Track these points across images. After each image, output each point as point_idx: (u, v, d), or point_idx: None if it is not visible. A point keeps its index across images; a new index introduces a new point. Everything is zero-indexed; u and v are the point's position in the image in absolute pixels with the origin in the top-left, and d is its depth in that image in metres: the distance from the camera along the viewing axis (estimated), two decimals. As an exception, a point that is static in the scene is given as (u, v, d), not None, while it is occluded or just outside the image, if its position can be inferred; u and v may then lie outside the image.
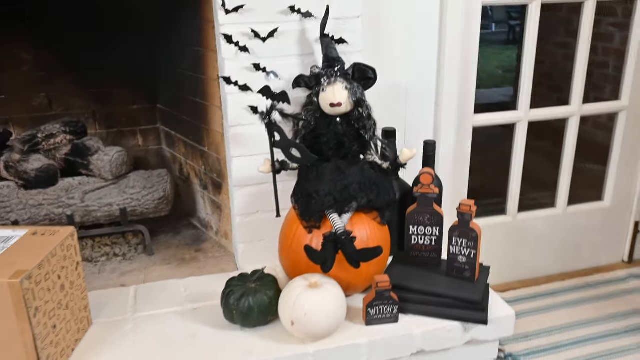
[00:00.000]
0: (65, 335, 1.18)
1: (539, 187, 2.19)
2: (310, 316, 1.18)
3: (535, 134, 1.99)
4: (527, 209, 2.06)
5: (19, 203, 1.54)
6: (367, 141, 1.36)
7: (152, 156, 1.96)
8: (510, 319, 1.33)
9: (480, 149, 1.89)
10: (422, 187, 1.35)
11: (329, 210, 1.29)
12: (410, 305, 1.32)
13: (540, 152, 2.42)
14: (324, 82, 1.31)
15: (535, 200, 2.15)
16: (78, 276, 1.23)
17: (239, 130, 1.41)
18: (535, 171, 2.44)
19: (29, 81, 1.74)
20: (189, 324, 1.31)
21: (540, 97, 1.94)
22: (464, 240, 1.31)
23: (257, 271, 1.33)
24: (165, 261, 1.64)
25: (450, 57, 1.66)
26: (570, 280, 2.12)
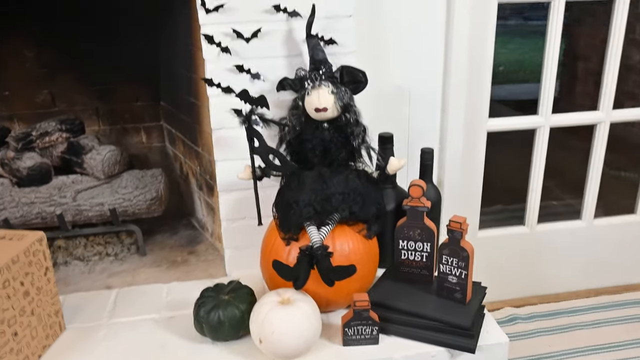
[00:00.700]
0: (30, 342, 1.16)
1: (563, 195, 2.05)
2: (279, 335, 1.11)
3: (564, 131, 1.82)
4: (548, 219, 1.91)
5: (11, 201, 1.54)
6: (356, 148, 1.27)
7: (156, 153, 1.94)
8: (503, 347, 1.22)
9: (512, 151, 1.75)
10: (411, 200, 1.25)
11: (308, 222, 1.21)
12: (393, 326, 1.23)
13: (567, 154, 2.26)
14: (308, 86, 1.24)
15: (557, 209, 2.00)
16: (47, 281, 1.21)
17: (223, 133, 1.35)
18: (561, 177, 2.28)
19: (32, 78, 1.74)
20: (161, 333, 1.26)
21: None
22: (454, 259, 1.21)
23: (233, 282, 1.27)
24: (155, 263, 1.61)
25: (458, 58, 1.54)
26: (596, 298, 1.97)
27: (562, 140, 1.79)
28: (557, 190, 2.00)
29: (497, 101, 1.75)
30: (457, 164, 1.64)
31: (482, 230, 1.86)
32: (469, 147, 1.69)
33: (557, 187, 2.07)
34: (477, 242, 1.84)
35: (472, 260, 1.21)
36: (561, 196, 2.41)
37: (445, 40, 1.55)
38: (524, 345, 1.72)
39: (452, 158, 1.63)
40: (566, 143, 1.96)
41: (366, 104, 1.52)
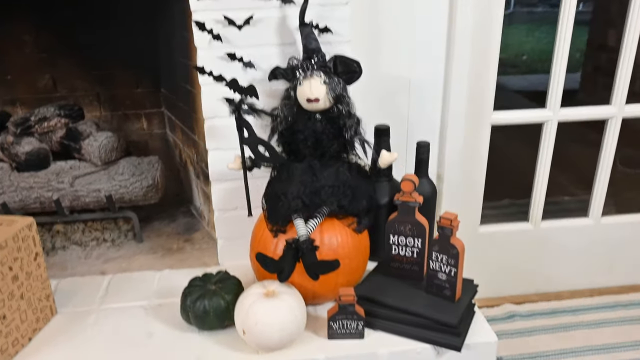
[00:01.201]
0: (20, 325, 1.17)
1: (577, 191, 1.99)
2: (261, 327, 1.11)
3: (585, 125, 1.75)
4: (560, 215, 1.87)
5: (10, 185, 1.55)
6: (348, 141, 1.25)
7: (157, 140, 1.94)
8: (491, 346, 1.20)
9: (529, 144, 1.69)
10: (403, 195, 1.23)
11: (296, 214, 1.20)
12: (379, 321, 1.22)
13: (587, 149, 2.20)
14: (299, 76, 1.22)
15: (569, 205, 1.95)
16: (37, 266, 1.22)
17: (215, 122, 1.34)
18: (578, 172, 2.21)
19: (33, 62, 1.75)
20: (149, 320, 1.27)
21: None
22: (444, 256, 1.19)
23: (221, 272, 1.27)
24: (151, 250, 1.62)
25: (461, 46, 1.49)
26: (599, 298, 1.92)
27: (583, 133, 1.73)
28: (572, 186, 1.94)
29: (517, 92, 1.71)
30: (457, 158, 1.61)
31: (484, 226, 1.83)
32: (472, 141, 1.65)
33: (571, 182, 2.01)
34: (479, 237, 1.82)
35: (463, 258, 1.19)
36: (575, 192, 2.35)
37: (448, 28, 1.50)
38: (522, 343, 1.70)
39: (452, 151, 1.59)
40: (586, 137, 1.89)
41: (364, 94, 1.50)
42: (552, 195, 1.86)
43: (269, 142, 1.23)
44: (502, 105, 1.67)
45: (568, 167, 1.77)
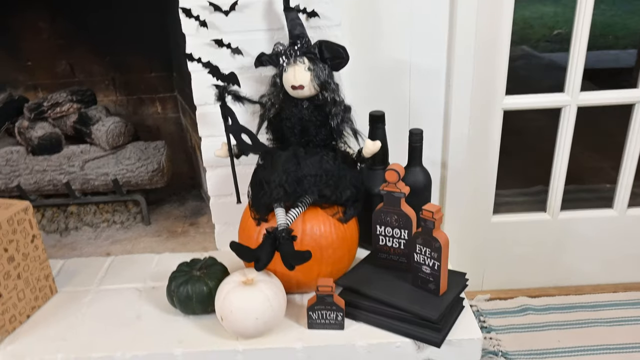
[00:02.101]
0: (17, 304, 1.24)
1: (592, 181, 1.89)
2: (237, 314, 1.12)
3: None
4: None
5: (25, 168, 1.63)
6: (334, 129, 1.23)
7: (171, 124, 1.97)
8: (475, 343, 1.16)
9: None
10: (388, 185, 1.19)
11: (277, 203, 1.19)
12: (362, 313, 1.20)
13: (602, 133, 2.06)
14: (283, 62, 1.20)
15: (583, 195, 1.85)
16: (35, 248, 1.28)
17: (206, 109, 1.35)
18: (592, 160, 2.07)
19: (50, 49, 1.81)
20: (141, 303, 1.31)
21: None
22: (427, 249, 1.15)
23: (208, 258, 1.28)
24: (157, 232, 1.66)
25: (465, 24, 1.41)
26: (624, 294, 1.82)
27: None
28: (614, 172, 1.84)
29: (562, 68, 1.64)
30: (464, 145, 1.54)
31: (498, 215, 1.76)
32: (481, 127, 1.58)
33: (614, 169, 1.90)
34: (492, 227, 1.75)
35: (447, 251, 1.15)
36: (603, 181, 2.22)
37: (450, 4, 1.42)
38: (531, 338, 1.63)
39: (457, 138, 1.53)
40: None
41: (362, 80, 1.47)
42: (591, 182, 1.76)
43: (251, 130, 1.22)
44: (551, 85, 1.55)
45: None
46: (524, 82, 3.44)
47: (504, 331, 1.67)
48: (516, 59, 4.28)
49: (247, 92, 1.31)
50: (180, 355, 1.15)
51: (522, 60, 4.29)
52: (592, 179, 1.93)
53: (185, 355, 1.15)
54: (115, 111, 1.94)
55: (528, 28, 5.52)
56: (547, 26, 5.51)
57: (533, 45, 4.97)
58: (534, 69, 4.10)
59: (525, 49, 4.61)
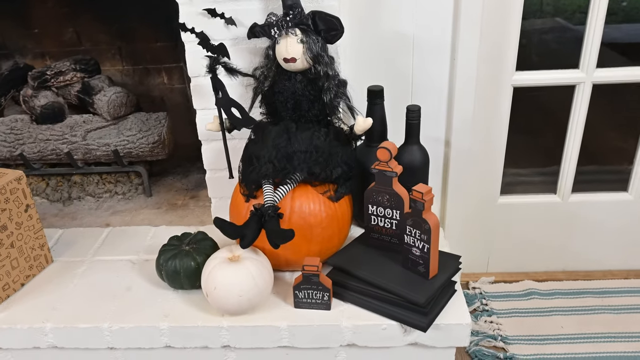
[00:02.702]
0: (10, 272, 1.25)
1: (606, 162, 1.80)
2: (220, 291, 1.11)
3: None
4: (586, 188, 1.70)
5: (29, 136, 1.64)
6: (327, 104, 1.19)
7: (177, 95, 1.95)
8: (464, 328, 1.13)
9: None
10: (379, 164, 1.16)
11: (266, 179, 1.17)
12: (350, 294, 1.18)
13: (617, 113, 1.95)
14: (274, 34, 1.16)
15: (597, 177, 1.76)
16: (29, 217, 1.29)
17: (200, 81, 1.32)
18: (606, 140, 1.98)
19: (57, 16, 1.80)
20: (132, 275, 1.31)
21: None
22: (417, 231, 1.12)
23: (199, 233, 1.28)
24: (157, 205, 1.66)
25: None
26: (636, 280, 1.75)
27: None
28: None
29: (608, 44, 1.56)
30: (469, 123, 1.48)
31: (505, 196, 1.70)
32: (488, 104, 1.52)
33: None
34: (498, 208, 1.70)
35: (437, 234, 1.11)
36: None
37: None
38: (534, 323, 1.59)
39: (462, 116, 1.47)
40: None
41: (362, 54, 1.42)
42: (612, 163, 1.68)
43: (241, 104, 1.19)
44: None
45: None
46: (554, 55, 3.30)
47: (506, 315, 1.63)
48: (547, 31, 4.11)
49: (242, 64, 1.28)
50: (165, 329, 1.16)
51: (553, 33, 4.12)
52: (614, 160, 1.84)
53: (171, 330, 1.16)
54: (121, 81, 1.92)
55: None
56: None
57: (568, 17, 4.76)
58: (567, 43, 3.92)
59: (559, 21, 4.43)
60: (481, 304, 1.67)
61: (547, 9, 1.40)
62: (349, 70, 1.39)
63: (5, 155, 1.66)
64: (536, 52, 1.85)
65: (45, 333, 1.18)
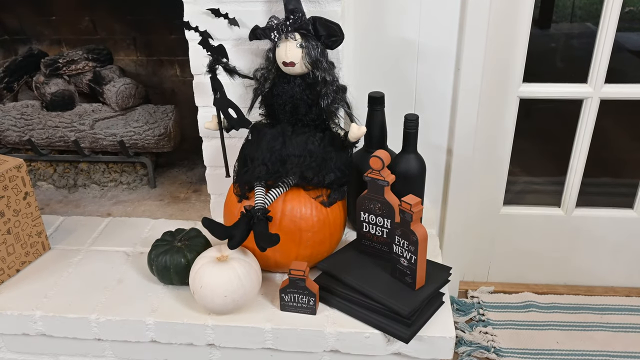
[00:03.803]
0: (6, 257, 1.28)
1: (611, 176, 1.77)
2: (206, 290, 1.12)
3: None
4: (590, 203, 1.67)
5: (39, 122, 1.67)
6: (323, 109, 1.19)
7: (189, 87, 1.95)
8: (447, 341, 1.12)
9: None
10: (372, 172, 1.15)
11: (258, 181, 1.17)
12: (336, 300, 1.18)
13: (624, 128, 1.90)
14: (274, 37, 1.16)
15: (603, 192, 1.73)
16: (27, 205, 1.31)
17: (202, 79, 1.32)
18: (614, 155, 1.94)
19: (74, 4, 1.82)
20: (125, 267, 1.33)
21: None
22: (405, 241, 1.11)
23: (192, 229, 1.29)
24: (159, 197, 1.68)
25: (478, 4, 1.32)
26: (638, 298, 1.72)
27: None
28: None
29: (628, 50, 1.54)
30: (471, 132, 1.46)
31: (508, 207, 1.68)
32: (493, 114, 1.50)
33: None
34: (500, 218, 1.69)
35: (425, 246, 1.10)
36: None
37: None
38: (529, 336, 1.58)
39: (464, 125, 1.45)
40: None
41: (365, 60, 1.41)
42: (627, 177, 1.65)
43: (237, 105, 1.20)
44: (614, 66, 1.46)
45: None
46: (577, 63, 3.22)
47: (502, 326, 1.61)
48: (574, 37, 4.00)
49: (243, 65, 1.28)
50: (152, 324, 1.18)
51: (581, 39, 4.01)
52: (621, 174, 1.81)
53: (157, 325, 1.17)
54: (135, 71, 1.94)
55: (597, 3, 5.16)
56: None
57: (598, 22, 4.61)
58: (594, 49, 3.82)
59: (589, 26, 4.30)
60: (478, 314, 1.66)
61: (579, 13, 1.37)
62: (351, 76, 1.39)
63: (14, 140, 1.69)
64: (559, 59, 1.80)
65: (34, 321, 1.20)
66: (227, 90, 1.22)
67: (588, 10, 5.08)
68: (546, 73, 1.46)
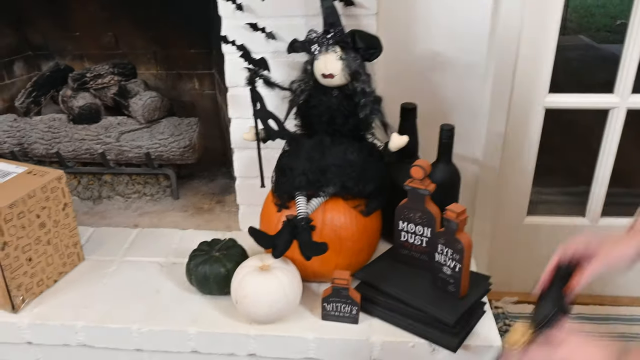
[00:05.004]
0: (45, 268, 1.28)
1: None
2: (250, 299, 1.13)
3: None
4: (616, 212, 1.69)
5: (65, 135, 1.67)
6: (362, 120, 1.20)
7: (208, 101, 1.98)
8: (493, 350, 1.13)
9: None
10: (413, 181, 1.16)
11: (299, 191, 1.18)
12: (378, 309, 1.19)
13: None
14: (314, 50, 1.18)
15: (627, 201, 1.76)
16: (66, 216, 1.31)
17: (237, 91, 1.34)
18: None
19: (96, 20, 1.83)
20: (161, 277, 1.33)
21: None
22: (449, 250, 1.12)
23: (228, 239, 1.29)
24: (184, 208, 1.68)
25: (508, 16, 1.35)
26: (666, 310, 1.73)
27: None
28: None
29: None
30: (499, 143, 1.49)
31: (532, 217, 1.69)
32: (519, 125, 1.52)
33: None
34: (525, 228, 1.70)
35: (469, 254, 1.12)
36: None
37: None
38: (557, 346, 1.58)
39: (493, 136, 1.47)
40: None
41: (396, 72, 1.43)
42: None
43: (278, 116, 1.21)
44: (604, 79, 1.46)
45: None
46: (574, 74, 3.25)
47: (528, 336, 1.62)
48: (570, 49, 4.05)
49: (279, 77, 1.30)
50: (194, 334, 1.17)
51: (576, 51, 4.06)
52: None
53: (199, 335, 1.17)
54: (154, 85, 1.96)
55: (589, 16, 5.24)
56: (609, 15, 5.22)
57: (592, 34, 4.68)
58: (589, 61, 3.88)
59: (583, 39, 4.37)
60: (504, 325, 1.66)
61: (572, 26, 1.40)
62: (382, 88, 1.40)
63: (41, 153, 1.69)
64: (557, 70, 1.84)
65: (76, 331, 1.20)
66: (263, 101, 1.24)
67: (580, 23, 5.13)
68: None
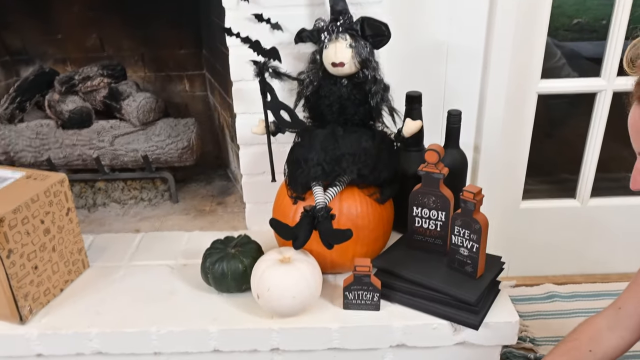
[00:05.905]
0: (51, 276, 1.24)
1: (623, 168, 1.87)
2: (273, 293, 1.12)
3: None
4: (604, 193, 1.75)
5: (55, 141, 1.62)
6: (373, 107, 1.21)
7: (199, 102, 1.96)
8: (512, 326, 1.15)
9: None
10: (427, 166, 1.18)
11: (315, 182, 1.18)
12: (397, 294, 1.19)
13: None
14: (324, 38, 1.18)
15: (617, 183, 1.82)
16: (69, 221, 1.27)
17: (242, 85, 1.33)
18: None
19: (80, 22, 1.79)
20: (173, 279, 1.31)
21: None
22: (466, 231, 1.14)
23: (242, 236, 1.28)
24: (184, 211, 1.65)
25: (505, 6, 1.39)
26: (653, 283, 1.80)
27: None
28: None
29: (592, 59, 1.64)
30: (497, 128, 1.52)
31: (527, 201, 1.74)
32: (515, 110, 1.56)
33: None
34: (520, 213, 1.74)
35: (486, 233, 1.14)
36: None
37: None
38: (559, 325, 1.62)
39: (491, 121, 1.50)
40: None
41: (399, 60, 1.44)
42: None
43: (291, 107, 1.21)
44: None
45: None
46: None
47: (531, 317, 1.66)
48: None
49: (285, 69, 1.29)
50: (215, 332, 1.15)
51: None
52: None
53: (221, 333, 1.15)
54: (143, 88, 1.92)
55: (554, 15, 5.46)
56: (566, 15, 5.44)
57: (552, 33, 4.89)
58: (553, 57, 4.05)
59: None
60: (506, 307, 1.70)
61: None
62: (386, 75, 1.42)
63: (29, 161, 1.64)
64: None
65: (90, 338, 1.16)
66: (271, 94, 1.23)
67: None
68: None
